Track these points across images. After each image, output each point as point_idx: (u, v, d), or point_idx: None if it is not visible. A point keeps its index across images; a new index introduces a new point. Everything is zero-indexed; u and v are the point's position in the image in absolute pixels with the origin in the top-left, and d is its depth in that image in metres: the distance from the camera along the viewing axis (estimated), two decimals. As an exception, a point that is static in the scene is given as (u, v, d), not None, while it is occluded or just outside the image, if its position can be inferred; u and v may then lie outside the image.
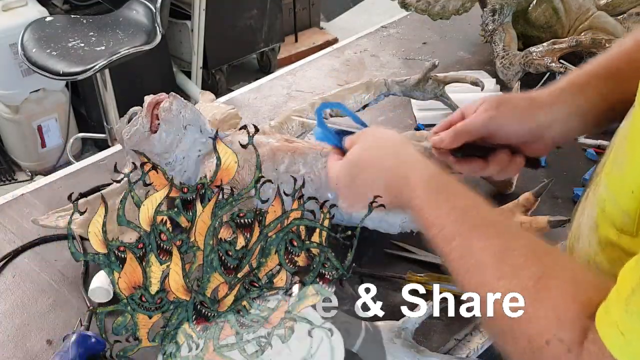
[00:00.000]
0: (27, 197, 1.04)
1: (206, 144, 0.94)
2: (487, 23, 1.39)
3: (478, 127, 0.72)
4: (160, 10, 2.22)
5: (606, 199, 0.56)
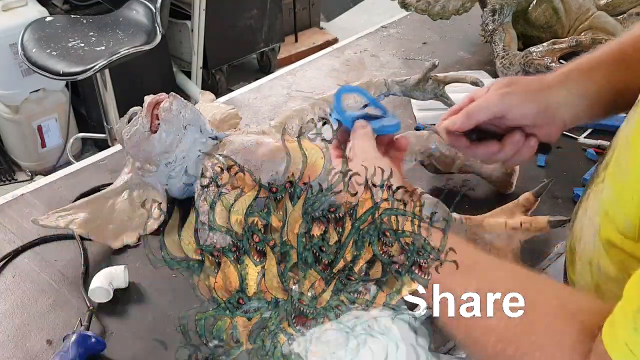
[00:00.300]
0: (27, 197, 1.04)
1: (206, 143, 0.94)
2: (487, 23, 1.39)
3: (491, 106, 0.71)
4: (160, 10, 2.22)
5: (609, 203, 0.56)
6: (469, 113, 0.71)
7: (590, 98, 0.71)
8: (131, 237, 0.93)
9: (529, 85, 0.71)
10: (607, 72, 0.71)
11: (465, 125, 0.72)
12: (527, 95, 0.71)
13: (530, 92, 0.71)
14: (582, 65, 0.72)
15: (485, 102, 0.71)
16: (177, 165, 0.94)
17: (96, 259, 0.91)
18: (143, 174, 0.95)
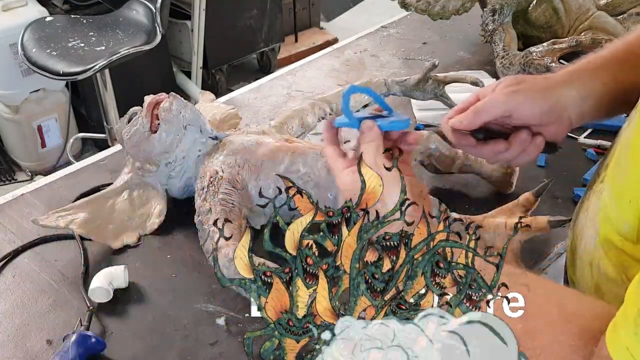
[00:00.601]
0: (27, 197, 1.04)
1: (206, 143, 0.94)
2: (487, 23, 1.39)
3: (498, 105, 0.70)
4: (160, 10, 2.22)
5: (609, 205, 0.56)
6: (476, 112, 0.70)
7: (597, 97, 0.70)
8: (131, 237, 0.93)
9: (536, 84, 0.71)
10: (613, 72, 0.70)
11: (472, 123, 0.71)
12: (534, 94, 0.70)
13: (538, 91, 0.70)
14: (588, 65, 0.72)
15: (492, 100, 0.70)
16: (177, 165, 0.94)
17: (96, 259, 0.91)
18: (143, 174, 0.95)
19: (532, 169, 1.07)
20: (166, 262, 0.90)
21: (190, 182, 0.95)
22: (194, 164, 0.94)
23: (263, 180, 0.89)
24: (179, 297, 0.84)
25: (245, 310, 0.82)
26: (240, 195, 0.87)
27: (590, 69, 0.72)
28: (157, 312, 0.83)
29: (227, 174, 0.89)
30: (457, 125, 0.71)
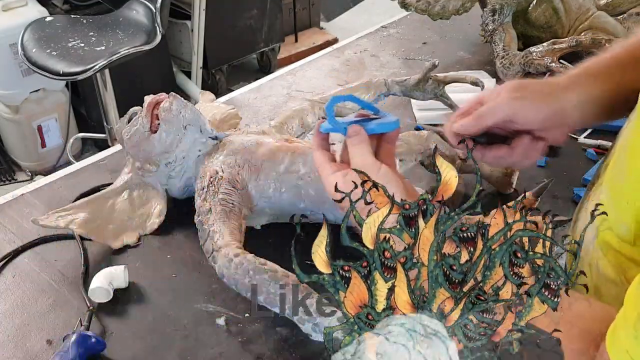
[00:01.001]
0: (27, 197, 1.04)
1: (206, 143, 0.94)
2: (487, 23, 1.39)
3: (501, 110, 0.70)
4: (160, 10, 2.22)
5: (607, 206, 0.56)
6: (479, 117, 0.71)
7: (599, 101, 0.71)
8: (131, 237, 0.93)
9: (538, 89, 0.71)
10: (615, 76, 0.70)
11: (475, 128, 0.71)
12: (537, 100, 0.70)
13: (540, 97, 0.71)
14: (590, 69, 0.72)
15: (495, 106, 0.71)
16: (177, 165, 0.94)
17: (96, 259, 0.91)
18: (143, 174, 0.95)
19: (532, 169, 1.07)
20: (166, 262, 0.90)
21: (190, 182, 0.95)
22: (194, 164, 0.94)
23: (263, 180, 0.89)
24: (179, 297, 0.84)
25: (245, 310, 0.82)
26: (240, 195, 0.87)
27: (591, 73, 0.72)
28: (157, 312, 0.83)
29: (227, 174, 0.89)
30: (460, 131, 0.72)
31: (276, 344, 0.77)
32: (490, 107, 0.71)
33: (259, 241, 0.91)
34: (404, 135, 0.97)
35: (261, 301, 0.74)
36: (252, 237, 0.87)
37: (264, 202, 0.90)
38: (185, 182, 0.95)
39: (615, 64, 0.72)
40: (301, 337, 0.74)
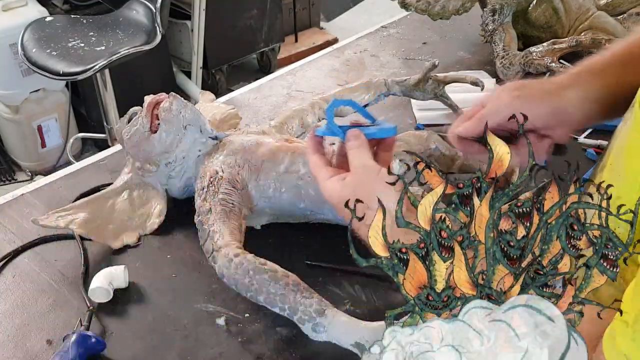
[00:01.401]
0: (27, 197, 1.04)
1: (206, 143, 0.94)
2: (487, 23, 1.39)
3: (502, 110, 0.70)
4: (160, 10, 2.22)
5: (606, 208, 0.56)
6: (482, 118, 0.71)
7: (600, 99, 0.71)
8: (131, 237, 0.93)
9: (539, 88, 0.72)
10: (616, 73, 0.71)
11: (478, 130, 0.71)
12: (539, 97, 0.71)
13: (542, 94, 0.71)
14: (590, 67, 0.73)
15: (496, 106, 0.71)
16: (177, 165, 0.94)
17: (96, 259, 0.91)
18: (143, 174, 0.95)
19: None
20: (166, 262, 0.90)
21: (190, 182, 0.95)
22: (194, 164, 0.94)
23: (263, 180, 0.89)
24: (179, 297, 0.84)
25: (245, 310, 0.82)
26: (240, 195, 0.87)
27: (592, 71, 0.72)
28: (157, 312, 0.83)
29: (227, 174, 0.89)
30: (463, 133, 0.72)
31: (276, 344, 0.77)
32: (492, 107, 0.71)
33: (259, 241, 0.91)
34: (404, 136, 0.97)
35: (261, 301, 0.74)
36: (252, 237, 0.87)
37: (264, 202, 0.90)
38: (185, 182, 0.95)
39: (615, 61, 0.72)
40: (301, 337, 0.74)
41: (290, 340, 0.78)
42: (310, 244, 0.92)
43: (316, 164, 0.72)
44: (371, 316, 0.79)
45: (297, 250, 0.91)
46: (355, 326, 0.70)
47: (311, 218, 0.92)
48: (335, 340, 0.71)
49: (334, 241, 0.92)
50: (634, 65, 0.70)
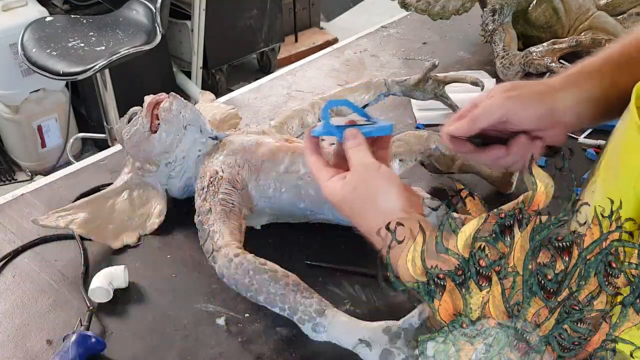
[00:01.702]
0: (27, 197, 1.04)
1: (206, 144, 0.94)
2: (487, 23, 1.39)
3: (494, 110, 0.70)
4: (160, 10, 2.22)
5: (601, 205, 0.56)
6: (473, 118, 0.71)
7: (594, 101, 0.70)
8: (131, 237, 0.93)
9: (533, 88, 0.71)
10: (610, 75, 0.70)
11: (470, 130, 0.71)
12: (531, 98, 0.70)
13: (534, 95, 0.70)
14: (584, 68, 0.72)
15: (488, 106, 0.71)
16: (177, 165, 0.94)
17: (96, 259, 0.91)
18: (143, 174, 0.95)
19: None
20: (166, 262, 0.90)
21: (190, 182, 0.95)
22: (194, 164, 0.94)
23: (263, 180, 0.89)
24: (179, 297, 0.84)
25: (245, 310, 0.82)
26: (240, 195, 0.87)
27: (586, 72, 0.72)
28: (157, 312, 0.83)
29: (227, 174, 0.89)
30: (454, 132, 0.72)
31: (276, 344, 0.77)
32: (484, 107, 0.71)
33: (259, 241, 0.91)
34: (404, 136, 0.97)
35: (261, 301, 0.74)
36: (252, 237, 0.87)
37: (264, 202, 0.90)
38: (185, 182, 0.95)
39: (609, 63, 0.72)
40: (301, 337, 0.74)
41: (290, 340, 0.78)
42: (310, 244, 0.92)
43: (315, 165, 0.72)
44: (371, 316, 0.79)
45: (297, 250, 0.91)
46: (355, 326, 0.70)
47: (311, 218, 0.92)
48: (335, 340, 0.71)
49: (334, 241, 0.92)
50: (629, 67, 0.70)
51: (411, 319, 0.69)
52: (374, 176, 0.66)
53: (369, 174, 0.66)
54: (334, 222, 0.91)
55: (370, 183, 0.66)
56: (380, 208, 0.64)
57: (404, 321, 0.69)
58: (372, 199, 0.65)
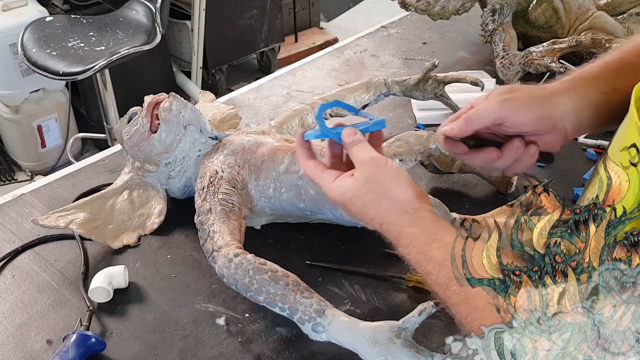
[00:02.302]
0: (27, 197, 1.04)
1: (206, 144, 0.94)
2: (487, 23, 1.39)
3: (490, 113, 0.70)
4: (160, 10, 2.22)
5: None
6: (468, 119, 0.71)
7: (594, 107, 0.70)
8: (131, 237, 0.93)
9: (530, 92, 0.71)
10: (610, 81, 0.70)
11: (464, 131, 0.71)
12: (528, 102, 0.70)
13: (532, 99, 0.70)
14: (584, 74, 0.72)
15: (484, 108, 0.70)
16: (177, 165, 0.94)
17: (96, 259, 0.91)
18: (143, 174, 0.95)
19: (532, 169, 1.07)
20: (166, 262, 0.90)
21: (190, 182, 0.95)
22: (194, 164, 0.94)
23: (263, 180, 0.89)
24: (179, 297, 0.84)
25: (245, 310, 0.82)
26: (240, 195, 0.87)
27: (586, 78, 0.71)
28: (157, 312, 0.83)
29: (227, 174, 0.89)
30: (449, 133, 0.72)
31: (276, 344, 0.77)
32: (478, 110, 0.71)
33: (259, 241, 0.91)
34: (404, 135, 0.97)
35: (261, 301, 0.74)
36: (252, 237, 0.87)
37: (264, 202, 0.90)
38: (185, 182, 0.95)
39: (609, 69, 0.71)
40: (301, 337, 0.74)
41: (290, 340, 0.78)
42: (310, 244, 0.92)
43: (315, 170, 0.72)
44: (371, 316, 0.80)
45: (297, 250, 0.91)
46: (355, 326, 0.70)
47: (311, 218, 0.92)
48: (335, 340, 0.71)
49: (334, 241, 0.92)
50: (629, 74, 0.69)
51: (411, 318, 0.69)
52: (383, 169, 0.67)
53: (378, 167, 0.67)
54: (334, 222, 0.91)
55: (381, 175, 0.66)
56: (394, 199, 0.65)
57: (404, 321, 0.69)
58: (385, 191, 0.65)
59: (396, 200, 0.65)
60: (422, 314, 0.69)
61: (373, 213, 0.66)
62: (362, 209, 0.67)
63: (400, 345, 0.67)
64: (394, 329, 0.68)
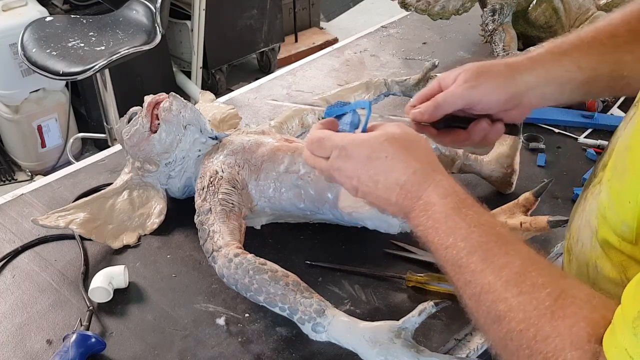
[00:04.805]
0: (27, 197, 1.04)
1: (206, 144, 0.94)
2: (487, 23, 1.39)
3: (458, 100, 0.73)
4: (160, 10, 2.22)
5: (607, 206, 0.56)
6: (437, 106, 0.73)
7: (559, 83, 0.72)
8: (131, 237, 0.93)
9: (498, 74, 0.73)
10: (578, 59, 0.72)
11: (433, 117, 0.74)
12: (495, 86, 0.72)
13: (497, 82, 0.72)
14: (555, 50, 0.74)
15: (452, 95, 0.73)
16: (177, 165, 0.94)
17: (96, 259, 0.91)
18: (143, 174, 0.95)
19: (532, 169, 1.07)
20: (166, 262, 0.90)
21: (190, 182, 0.95)
22: (194, 164, 0.94)
23: (263, 180, 0.89)
24: (179, 297, 0.84)
25: (245, 310, 0.82)
26: (240, 195, 0.87)
27: (555, 53, 0.73)
28: (157, 312, 0.83)
29: (227, 174, 0.89)
30: (418, 118, 0.74)
31: (276, 344, 0.77)
32: (447, 96, 0.73)
33: (259, 241, 0.91)
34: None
35: (261, 301, 0.74)
36: (252, 237, 0.87)
37: (264, 202, 0.90)
38: (185, 182, 0.95)
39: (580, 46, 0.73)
40: (301, 337, 0.74)
41: (290, 340, 0.78)
42: (310, 244, 0.92)
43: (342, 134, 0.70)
44: (371, 316, 0.80)
45: (297, 250, 0.91)
46: (355, 326, 0.70)
47: (311, 218, 0.92)
48: (335, 340, 0.71)
49: (334, 241, 0.92)
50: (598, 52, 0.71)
51: (411, 318, 0.69)
52: (423, 143, 0.68)
53: (403, 128, 0.68)
54: (334, 222, 0.91)
55: (407, 133, 0.67)
56: (424, 147, 0.67)
57: (404, 321, 0.69)
58: (415, 140, 0.67)
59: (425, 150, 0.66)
60: (422, 314, 0.69)
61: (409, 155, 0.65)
62: (397, 151, 0.65)
63: (400, 345, 0.67)
64: (394, 329, 0.68)
